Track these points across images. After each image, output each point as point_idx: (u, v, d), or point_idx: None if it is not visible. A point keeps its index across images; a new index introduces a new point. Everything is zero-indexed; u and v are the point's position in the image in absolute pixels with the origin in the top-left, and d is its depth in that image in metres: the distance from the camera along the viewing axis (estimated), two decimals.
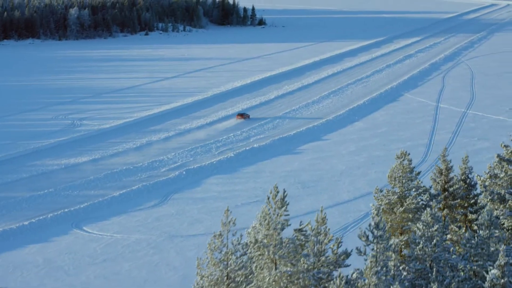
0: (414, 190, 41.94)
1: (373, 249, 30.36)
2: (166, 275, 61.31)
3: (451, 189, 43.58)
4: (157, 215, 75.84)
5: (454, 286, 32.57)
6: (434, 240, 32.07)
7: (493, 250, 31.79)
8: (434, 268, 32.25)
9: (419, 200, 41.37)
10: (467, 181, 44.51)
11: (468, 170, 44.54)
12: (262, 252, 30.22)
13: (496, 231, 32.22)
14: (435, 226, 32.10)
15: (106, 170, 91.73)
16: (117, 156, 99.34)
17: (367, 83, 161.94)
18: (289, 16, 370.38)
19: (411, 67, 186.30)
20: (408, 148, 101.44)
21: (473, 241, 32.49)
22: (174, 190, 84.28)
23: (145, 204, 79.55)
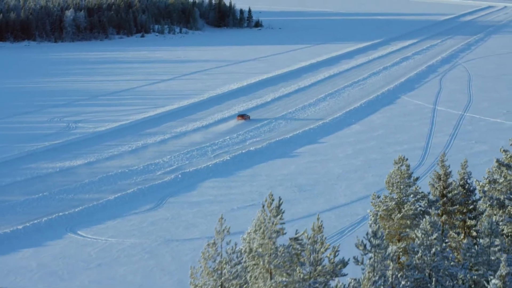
0: (412, 196, 41.31)
1: (370, 258, 29.82)
2: (161, 280, 60.80)
3: (450, 194, 42.98)
4: (152, 219, 75.30)
5: None
6: (433, 248, 31.49)
7: (494, 259, 31.24)
8: (434, 277, 31.69)
9: (417, 206, 40.78)
10: (466, 186, 43.89)
11: (467, 175, 43.88)
12: (257, 261, 29.59)
13: (497, 240, 31.65)
14: (434, 235, 31.51)
15: (101, 173, 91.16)
16: (112, 159, 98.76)
17: (364, 86, 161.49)
18: (285, 18, 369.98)
19: (408, 69, 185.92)
20: (405, 151, 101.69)
21: (473, 249, 31.95)
22: (170, 194, 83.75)
23: (140, 208, 79.00)
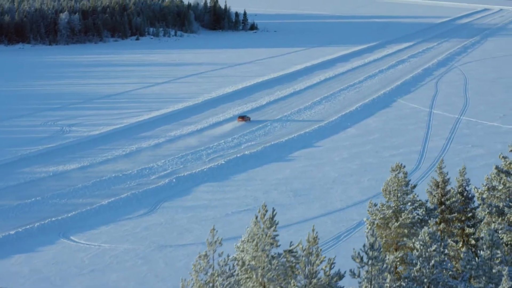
0: (409, 204, 40.48)
1: (367, 271, 29.05)
2: (155, 286, 60.22)
3: (448, 202, 42.21)
4: (146, 224, 74.62)
5: None
6: (433, 261, 30.70)
7: (495, 272, 30.44)
8: None
9: (415, 214, 39.96)
10: (465, 194, 43.13)
11: (465, 183, 43.10)
12: (250, 274, 28.78)
13: (498, 252, 30.86)
14: (433, 246, 30.71)
15: (94, 177, 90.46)
16: (106, 163, 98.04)
17: (360, 89, 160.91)
18: (281, 20, 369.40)
19: (404, 73, 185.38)
20: (401, 155, 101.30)
21: (473, 262, 31.17)
22: (164, 199, 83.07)
23: (134, 213, 78.33)
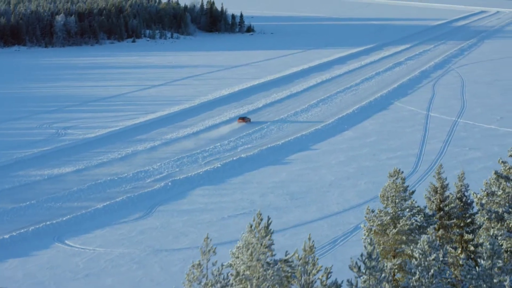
0: (408, 210, 39.91)
1: (365, 281, 28.51)
2: None
3: (447, 208, 41.69)
4: (141, 228, 74.08)
5: None
6: (432, 270, 30.13)
7: (496, 282, 29.87)
8: None
9: (413, 221, 39.41)
10: (463, 199, 42.61)
11: (464, 188, 42.59)
12: (245, 285, 28.21)
13: (499, 261, 30.30)
14: (433, 255, 30.14)
15: (90, 181, 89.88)
16: (101, 166, 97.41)
17: (357, 91, 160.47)
18: (277, 23, 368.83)
19: (401, 75, 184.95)
20: (398, 158, 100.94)
21: (474, 271, 30.61)
22: (159, 202, 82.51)
23: (129, 216, 77.77)
